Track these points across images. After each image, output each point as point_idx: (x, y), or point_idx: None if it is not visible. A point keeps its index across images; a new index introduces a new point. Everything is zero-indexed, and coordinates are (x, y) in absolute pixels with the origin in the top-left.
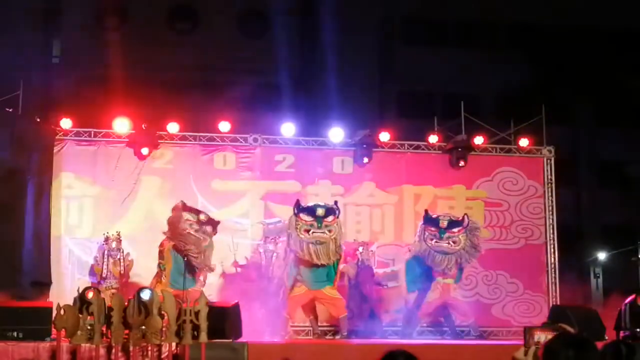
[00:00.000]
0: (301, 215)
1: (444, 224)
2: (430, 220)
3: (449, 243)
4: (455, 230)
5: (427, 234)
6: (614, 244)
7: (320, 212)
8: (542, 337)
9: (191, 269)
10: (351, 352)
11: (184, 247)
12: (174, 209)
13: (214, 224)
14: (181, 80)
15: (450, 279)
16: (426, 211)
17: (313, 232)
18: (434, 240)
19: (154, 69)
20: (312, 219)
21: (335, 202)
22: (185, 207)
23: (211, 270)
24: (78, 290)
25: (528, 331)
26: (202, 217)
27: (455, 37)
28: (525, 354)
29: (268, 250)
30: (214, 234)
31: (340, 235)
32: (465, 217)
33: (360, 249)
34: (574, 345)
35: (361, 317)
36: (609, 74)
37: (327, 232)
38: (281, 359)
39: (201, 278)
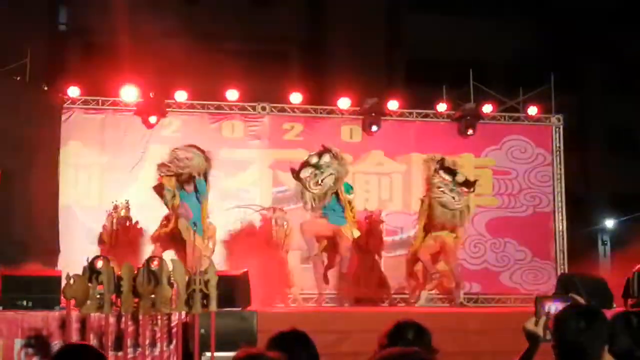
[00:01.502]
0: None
1: (460, 178)
2: (445, 169)
3: (454, 198)
4: (466, 189)
5: (437, 181)
6: (621, 212)
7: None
8: (552, 307)
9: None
10: (360, 320)
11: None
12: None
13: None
14: (189, 48)
15: (447, 231)
16: (443, 159)
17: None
18: (442, 189)
19: (161, 36)
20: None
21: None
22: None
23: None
24: (87, 260)
25: (539, 301)
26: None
27: (463, 4)
28: (536, 324)
29: (277, 218)
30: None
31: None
32: (476, 182)
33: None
34: (585, 316)
35: (369, 285)
36: (618, 40)
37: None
38: (289, 329)
39: (210, 245)
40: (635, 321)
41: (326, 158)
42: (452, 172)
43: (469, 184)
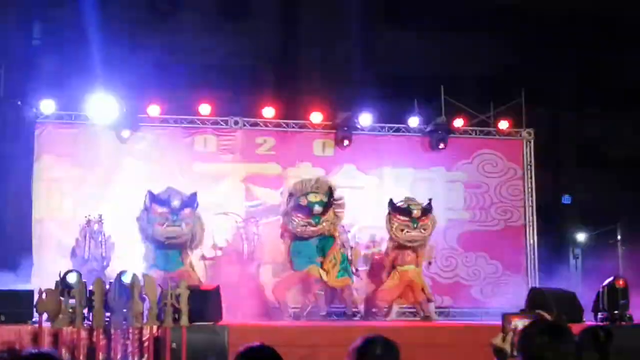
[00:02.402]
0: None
1: (417, 213)
2: (399, 210)
3: (420, 231)
4: (425, 217)
5: (396, 224)
6: (593, 226)
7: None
8: (519, 323)
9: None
10: (331, 334)
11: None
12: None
13: (191, 202)
14: (161, 63)
15: (409, 265)
16: (391, 200)
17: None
18: (405, 230)
19: (134, 51)
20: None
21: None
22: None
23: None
24: (60, 274)
25: (506, 318)
26: (175, 203)
27: (435, 19)
28: (503, 340)
29: (249, 233)
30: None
31: None
32: (430, 201)
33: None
34: (549, 331)
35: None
36: (588, 55)
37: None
38: (257, 344)
39: (187, 261)
40: (602, 335)
41: None
42: (406, 211)
43: (426, 212)
